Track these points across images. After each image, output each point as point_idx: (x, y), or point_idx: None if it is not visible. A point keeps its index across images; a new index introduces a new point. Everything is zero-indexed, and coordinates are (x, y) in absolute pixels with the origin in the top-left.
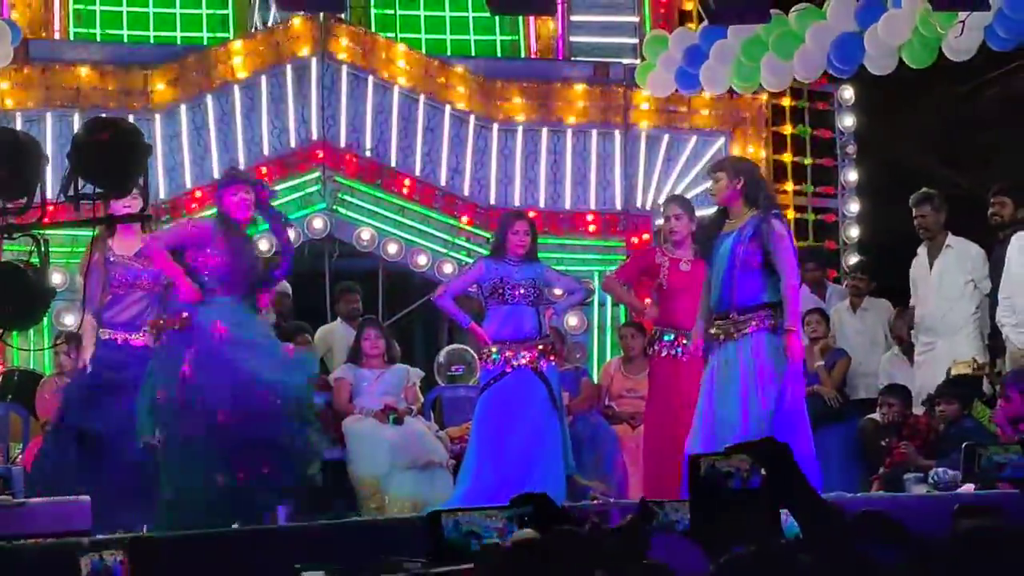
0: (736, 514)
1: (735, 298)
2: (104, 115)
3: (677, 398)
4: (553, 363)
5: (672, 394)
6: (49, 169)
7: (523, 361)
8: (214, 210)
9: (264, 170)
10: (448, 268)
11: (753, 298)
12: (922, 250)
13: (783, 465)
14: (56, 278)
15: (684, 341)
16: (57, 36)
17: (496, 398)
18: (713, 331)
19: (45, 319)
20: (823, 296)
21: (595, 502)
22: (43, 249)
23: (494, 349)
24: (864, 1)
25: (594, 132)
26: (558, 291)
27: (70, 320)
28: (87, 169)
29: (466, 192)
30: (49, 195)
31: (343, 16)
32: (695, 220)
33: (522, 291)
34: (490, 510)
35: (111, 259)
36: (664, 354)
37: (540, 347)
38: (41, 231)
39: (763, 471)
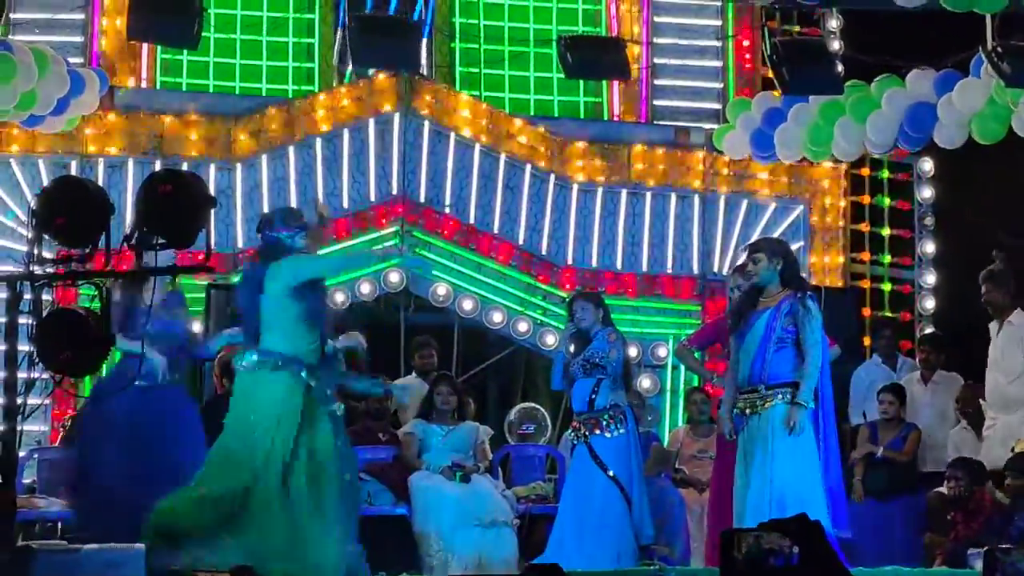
0: None
1: (766, 373)
2: (172, 167)
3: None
4: (605, 435)
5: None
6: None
7: (577, 434)
8: None
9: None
10: (523, 326)
11: (782, 375)
12: (993, 325)
13: (816, 542)
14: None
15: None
16: (144, 85)
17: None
18: (740, 405)
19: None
20: (893, 367)
21: (652, 568)
22: (105, 297)
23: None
24: (944, 72)
25: (672, 195)
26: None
27: None
28: (150, 220)
29: (544, 251)
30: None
31: (427, 73)
32: None
33: (575, 367)
34: None
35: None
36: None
37: (585, 420)
38: (103, 279)
39: (797, 549)
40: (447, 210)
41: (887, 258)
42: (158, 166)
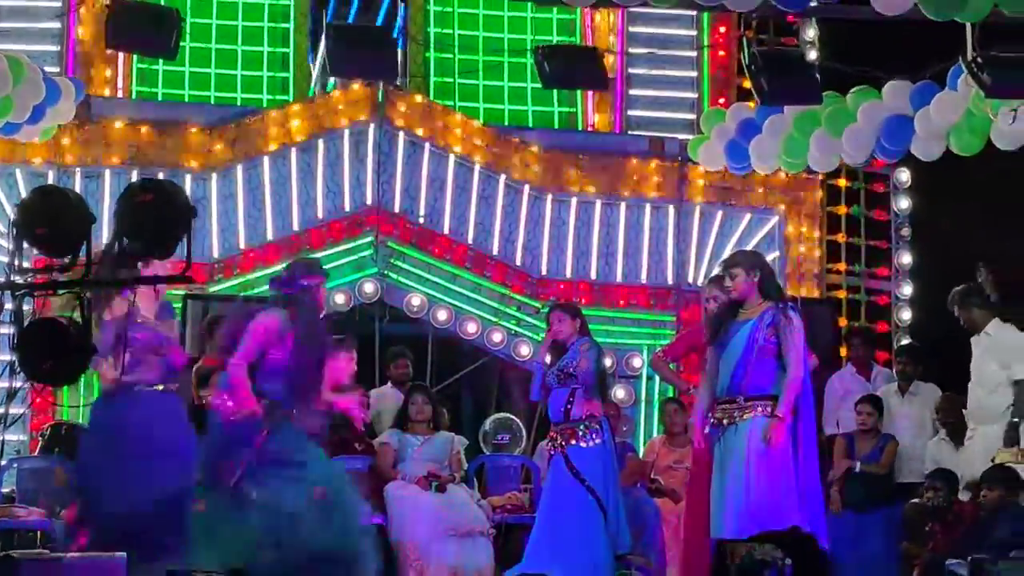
0: None
1: (746, 384)
2: (149, 176)
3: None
4: (581, 445)
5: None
6: (104, 226)
7: (553, 444)
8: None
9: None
10: (497, 336)
11: (762, 387)
12: (974, 339)
13: (808, 555)
14: None
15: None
16: (120, 95)
17: (547, 480)
18: (718, 415)
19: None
20: (868, 377)
21: None
22: (86, 306)
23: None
24: (921, 84)
25: (647, 206)
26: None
27: None
28: (130, 230)
29: (518, 261)
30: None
31: (402, 83)
32: None
33: (551, 377)
34: None
35: (138, 320)
36: (706, 431)
37: (561, 430)
38: (84, 288)
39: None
40: (421, 221)
41: (862, 268)
42: (135, 176)
